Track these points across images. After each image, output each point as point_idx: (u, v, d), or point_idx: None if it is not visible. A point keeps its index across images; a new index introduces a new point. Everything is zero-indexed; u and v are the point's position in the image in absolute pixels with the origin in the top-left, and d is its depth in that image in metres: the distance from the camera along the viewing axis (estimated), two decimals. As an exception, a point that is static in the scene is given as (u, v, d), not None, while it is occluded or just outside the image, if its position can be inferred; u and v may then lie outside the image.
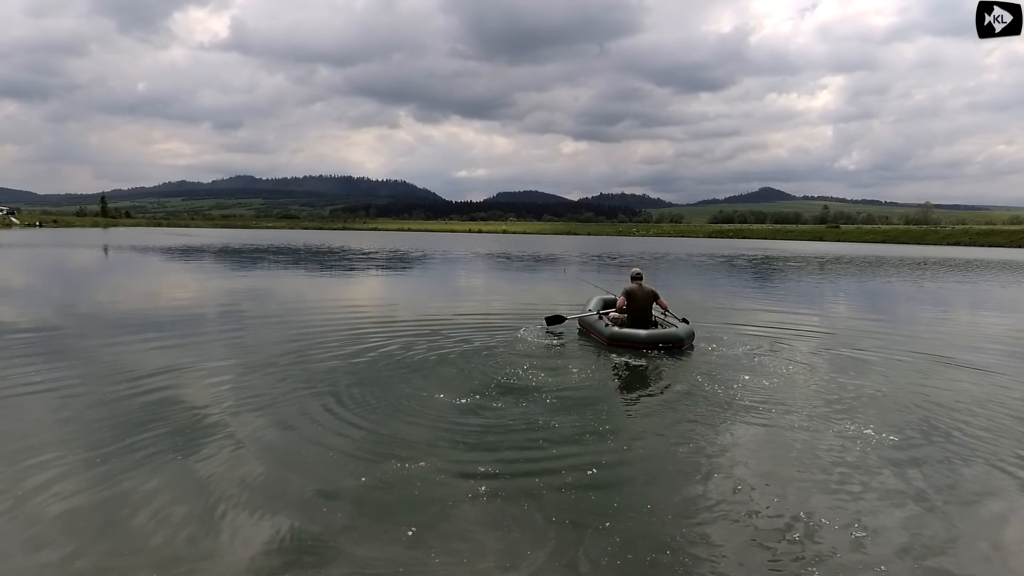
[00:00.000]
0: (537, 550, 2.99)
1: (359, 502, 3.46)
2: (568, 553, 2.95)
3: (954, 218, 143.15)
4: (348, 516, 3.30)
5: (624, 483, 3.78)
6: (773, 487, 3.71)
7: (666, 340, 7.38)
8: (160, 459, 3.96)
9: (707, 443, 4.42)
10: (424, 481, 3.71)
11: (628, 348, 7.39)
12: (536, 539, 3.09)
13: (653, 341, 7.37)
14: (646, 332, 7.54)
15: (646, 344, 7.35)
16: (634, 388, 6.15)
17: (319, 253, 31.91)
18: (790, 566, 2.87)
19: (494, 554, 2.96)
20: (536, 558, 2.92)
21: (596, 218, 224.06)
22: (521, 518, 3.30)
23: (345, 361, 6.72)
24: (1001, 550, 3.14)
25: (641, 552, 2.97)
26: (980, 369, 6.89)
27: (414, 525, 3.19)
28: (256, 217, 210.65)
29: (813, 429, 4.72)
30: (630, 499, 3.53)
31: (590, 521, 3.25)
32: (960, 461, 4.16)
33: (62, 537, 3.02)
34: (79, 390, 5.48)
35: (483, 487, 3.64)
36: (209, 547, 2.97)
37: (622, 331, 7.67)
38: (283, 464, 3.95)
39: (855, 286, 18.50)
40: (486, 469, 3.89)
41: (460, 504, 3.46)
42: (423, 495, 3.54)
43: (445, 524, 3.24)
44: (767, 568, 2.86)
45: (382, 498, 3.51)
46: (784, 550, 3.00)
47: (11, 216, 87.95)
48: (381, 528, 3.17)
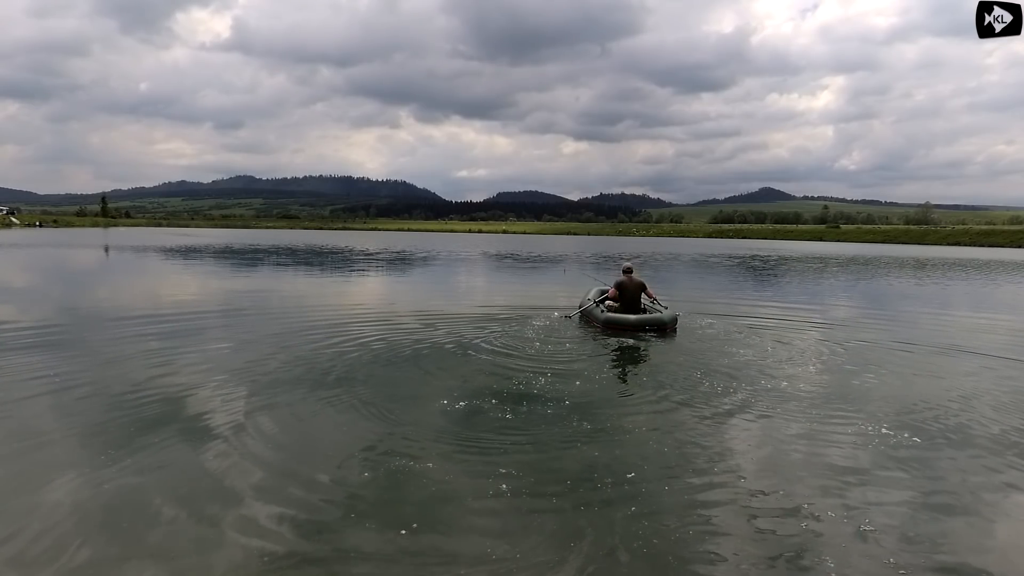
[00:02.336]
0: (539, 548, 3.00)
1: (362, 500, 3.47)
2: (572, 547, 2.97)
3: (954, 218, 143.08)
4: (350, 514, 3.31)
5: (625, 477, 3.77)
6: (772, 478, 3.72)
7: (652, 323, 8.56)
8: (161, 456, 3.97)
9: (699, 428, 4.46)
10: (425, 477, 3.72)
11: (620, 331, 8.45)
12: (537, 537, 3.10)
13: (641, 324, 8.53)
14: (635, 316, 8.70)
15: (635, 327, 8.50)
16: (626, 367, 6.95)
17: (322, 253, 31.92)
18: (792, 556, 2.89)
19: (495, 554, 2.98)
20: (538, 557, 2.93)
21: (596, 218, 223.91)
22: (522, 515, 3.32)
23: (348, 358, 6.73)
24: (1005, 543, 3.15)
25: (643, 549, 2.98)
26: (981, 363, 6.91)
27: (415, 523, 3.20)
28: (256, 217, 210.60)
29: (812, 419, 4.74)
30: (631, 493, 3.54)
31: (590, 517, 3.27)
32: (959, 453, 4.17)
33: (65, 533, 3.04)
34: (80, 389, 5.48)
35: (484, 485, 3.64)
36: (210, 544, 2.98)
37: (615, 316, 8.72)
38: (286, 461, 3.96)
39: (854, 285, 18.51)
40: (487, 466, 3.90)
41: (461, 502, 3.47)
42: (424, 491, 3.55)
43: (446, 522, 3.25)
44: (769, 565, 2.88)
45: (384, 496, 3.52)
46: (786, 543, 3.02)
47: (11, 216, 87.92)
48: (382, 527, 3.18)
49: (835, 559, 2.91)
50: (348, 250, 35.34)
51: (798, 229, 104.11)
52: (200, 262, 24.37)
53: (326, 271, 21.00)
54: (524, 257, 31.34)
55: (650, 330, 8.47)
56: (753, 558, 2.93)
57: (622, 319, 8.62)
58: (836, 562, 2.89)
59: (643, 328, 8.47)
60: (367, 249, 36.77)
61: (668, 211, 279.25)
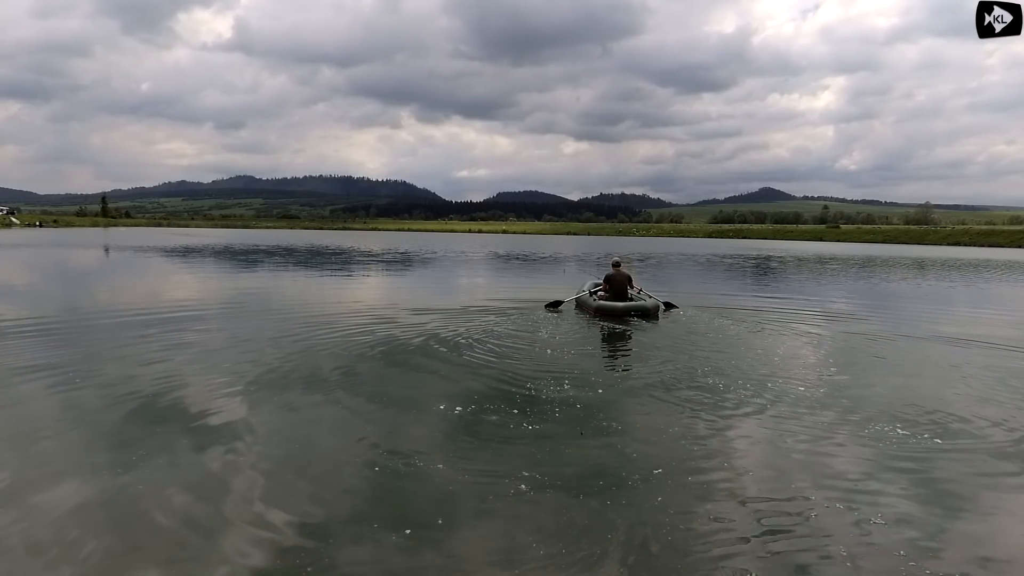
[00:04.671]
0: (540, 546, 3.00)
1: (364, 500, 3.48)
2: (573, 547, 2.98)
3: (954, 218, 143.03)
4: (351, 513, 3.32)
5: (625, 472, 3.78)
6: (771, 471, 3.73)
7: (637, 310, 9.90)
8: (162, 456, 3.98)
9: (701, 422, 4.49)
10: (428, 476, 3.73)
11: (610, 316, 9.72)
12: (538, 536, 3.11)
13: (628, 311, 9.85)
14: (623, 304, 10.04)
15: (622, 313, 9.80)
16: (616, 348, 8.01)
17: (324, 254, 31.91)
18: (795, 554, 2.90)
19: (497, 553, 2.98)
20: (538, 556, 2.93)
21: (596, 218, 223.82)
22: (523, 513, 3.32)
23: (350, 357, 6.74)
24: (1007, 542, 3.16)
25: (644, 547, 2.98)
26: (980, 362, 6.91)
27: (416, 520, 3.21)
28: (256, 217, 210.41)
29: (809, 412, 4.75)
30: (633, 491, 3.54)
31: (591, 515, 3.27)
32: (963, 450, 4.17)
33: (68, 532, 3.04)
34: (81, 388, 5.49)
35: (484, 485, 3.65)
36: (211, 544, 2.99)
37: (605, 304, 10.08)
38: (288, 461, 3.97)
39: (859, 283, 18.51)
40: (489, 465, 3.90)
41: (463, 502, 3.47)
42: (427, 492, 3.56)
43: (448, 522, 3.25)
44: (771, 562, 2.88)
45: (388, 496, 3.53)
46: (789, 537, 3.02)
47: (11, 216, 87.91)
48: (383, 526, 3.19)
49: (837, 547, 2.91)
50: (351, 250, 35.33)
51: (798, 229, 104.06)
52: (200, 262, 24.36)
53: (327, 271, 20.99)
54: (528, 257, 31.35)
55: (635, 315, 9.72)
56: (757, 558, 2.93)
57: (611, 306, 9.94)
58: (838, 552, 2.89)
59: (629, 314, 9.77)
60: (371, 250, 36.74)
61: (668, 211, 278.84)
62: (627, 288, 10.53)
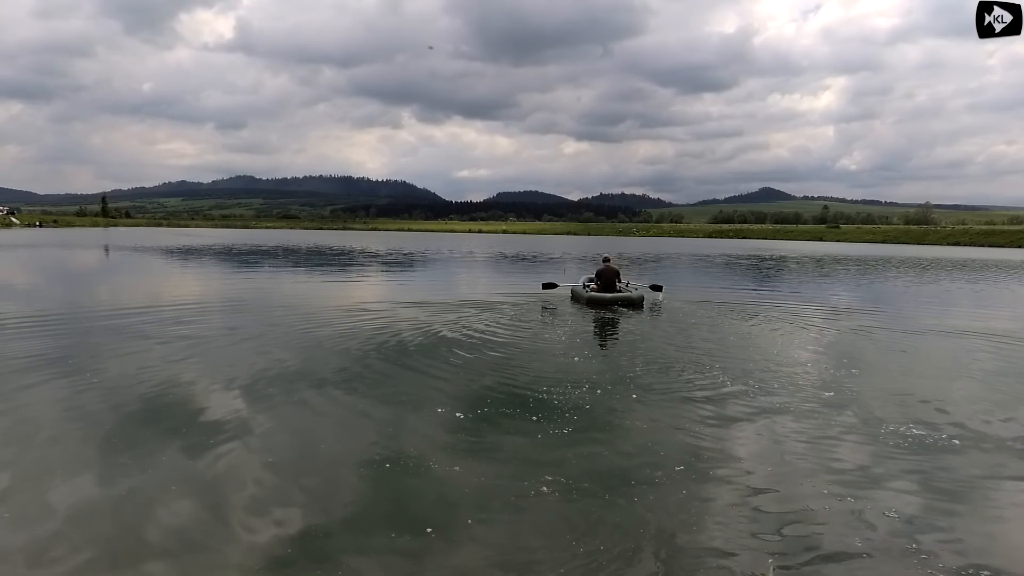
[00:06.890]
0: (542, 545, 3.01)
1: (367, 498, 3.49)
2: (573, 545, 2.98)
3: (954, 218, 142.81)
4: (354, 513, 3.33)
5: (628, 473, 3.79)
6: (774, 467, 3.73)
7: (624, 300, 11.18)
8: (164, 456, 3.99)
9: (703, 418, 4.49)
10: (430, 476, 3.74)
11: (600, 305, 11.08)
12: (539, 535, 3.11)
13: (615, 301, 11.16)
14: (611, 295, 11.31)
15: (611, 303, 11.11)
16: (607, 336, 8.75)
17: (326, 254, 31.90)
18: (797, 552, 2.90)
19: (498, 553, 2.98)
20: (540, 555, 2.94)
21: (596, 218, 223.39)
22: (524, 512, 3.33)
23: (351, 356, 6.75)
24: (1008, 538, 3.16)
25: (650, 548, 2.99)
26: (981, 361, 6.91)
27: (417, 521, 3.21)
28: (256, 217, 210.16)
29: (805, 407, 4.75)
30: (637, 491, 3.55)
31: (592, 515, 3.28)
32: (964, 447, 4.18)
33: (68, 532, 3.05)
34: (82, 388, 5.49)
35: (485, 484, 3.66)
36: (213, 544, 3.00)
37: (596, 295, 11.37)
38: (290, 461, 3.97)
39: (861, 283, 18.50)
40: (491, 463, 3.91)
41: (466, 503, 3.48)
42: (430, 492, 3.57)
43: (447, 520, 3.26)
44: (773, 560, 2.88)
45: (388, 495, 3.54)
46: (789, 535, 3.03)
47: (11, 216, 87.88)
48: (386, 526, 3.19)
49: (838, 544, 2.91)
50: (353, 250, 35.31)
51: (798, 229, 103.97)
52: (200, 262, 24.35)
53: (328, 272, 20.99)
54: (537, 258, 31.39)
55: (622, 305, 11.04)
56: (759, 558, 2.93)
57: (601, 297, 11.29)
58: (839, 549, 2.89)
59: (617, 303, 11.07)
60: (375, 251, 36.72)
61: (668, 211, 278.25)
62: (616, 281, 11.80)
